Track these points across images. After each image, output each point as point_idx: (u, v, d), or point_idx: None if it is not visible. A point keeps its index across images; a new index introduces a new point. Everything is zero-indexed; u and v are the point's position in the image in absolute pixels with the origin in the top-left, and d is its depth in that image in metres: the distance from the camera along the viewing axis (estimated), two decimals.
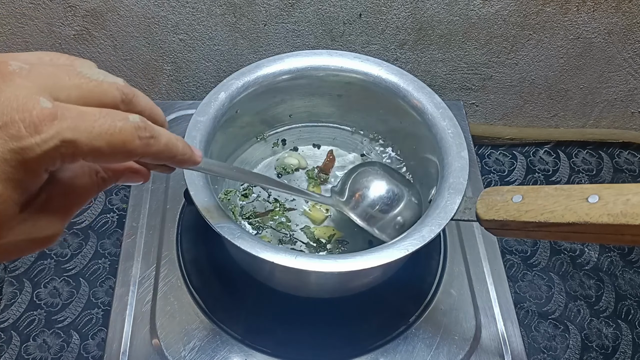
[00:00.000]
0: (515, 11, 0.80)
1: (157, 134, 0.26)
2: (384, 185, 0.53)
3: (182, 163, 0.30)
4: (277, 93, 0.58)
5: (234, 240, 0.43)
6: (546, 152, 1.07)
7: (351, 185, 0.54)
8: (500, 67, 0.90)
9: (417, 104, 0.55)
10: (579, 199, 0.37)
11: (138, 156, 0.26)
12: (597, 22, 0.83)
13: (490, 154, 1.06)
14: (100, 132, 0.23)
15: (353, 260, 0.43)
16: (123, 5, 0.76)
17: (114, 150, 0.24)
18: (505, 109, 0.99)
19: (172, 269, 0.59)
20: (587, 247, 0.97)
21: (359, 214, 0.52)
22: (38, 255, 0.88)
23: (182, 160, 0.29)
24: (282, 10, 0.77)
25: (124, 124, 0.24)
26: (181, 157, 0.29)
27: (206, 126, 0.51)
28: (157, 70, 0.87)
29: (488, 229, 0.44)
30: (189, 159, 0.30)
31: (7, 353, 0.80)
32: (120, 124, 0.24)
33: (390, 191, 0.53)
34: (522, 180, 1.04)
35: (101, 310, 0.85)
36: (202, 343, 0.54)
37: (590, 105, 0.99)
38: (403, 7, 0.78)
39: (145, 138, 0.25)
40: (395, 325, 0.57)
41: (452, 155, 0.50)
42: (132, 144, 0.25)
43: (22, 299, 0.85)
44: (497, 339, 0.57)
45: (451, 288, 0.60)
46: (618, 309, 0.91)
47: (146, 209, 0.63)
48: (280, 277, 0.55)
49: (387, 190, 0.53)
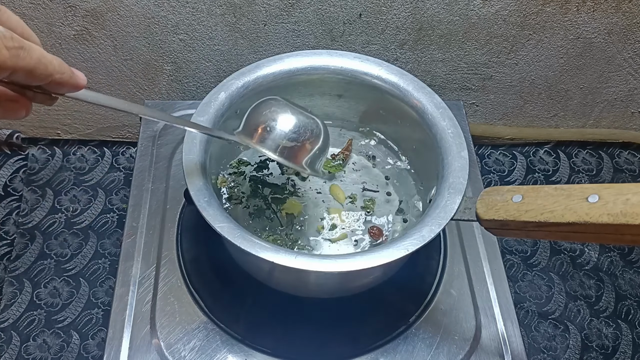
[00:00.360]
0: (515, 11, 0.80)
1: (27, 47, 0.24)
2: (288, 114, 0.49)
3: (62, 85, 0.27)
4: (277, 93, 0.58)
5: (234, 240, 0.43)
6: (546, 152, 1.07)
7: (253, 119, 0.49)
8: (500, 67, 0.90)
9: (417, 104, 0.55)
10: (579, 198, 0.37)
11: (8, 70, 0.24)
12: (597, 22, 0.83)
13: (490, 154, 1.06)
14: None
15: (353, 260, 0.43)
16: (123, 5, 0.76)
17: None
18: (505, 109, 0.99)
19: (172, 269, 0.59)
20: (587, 247, 0.97)
21: (270, 147, 0.47)
22: (38, 255, 0.88)
23: (60, 80, 0.27)
24: (282, 10, 0.77)
25: None
26: (59, 75, 0.27)
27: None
28: (157, 70, 0.87)
29: (488, 229, 0.44)
30: (69, 79, 0.28)
31: (7, 353, 0.80)
32: None
33: (296, 119, 0.48)
34: (522, 180, 1.04)
35: (101, 310, 0.85)
36: (202, 343, 0.54)
37: (590, 105, 0.99)
38: (403, 7, 0.78)
39: (13, 48, 0.24)
40: (395, 325, 0.57)
41: (452, 155, 0.50)
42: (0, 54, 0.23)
43: (22, 299, 0.85)
44: (497, 339, 0.57)
45: (451, 288, 0.60)
46: (618, 309, 0.91)
47: (146, 209, 0.63)
48: (280, 277, 0.55)
49: (293, 119, 0.48)
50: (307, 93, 0.60)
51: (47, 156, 0.99)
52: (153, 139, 0.69)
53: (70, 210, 0.93)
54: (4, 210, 0.93)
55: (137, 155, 0.68)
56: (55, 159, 0.99)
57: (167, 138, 0.69)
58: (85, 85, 0.29)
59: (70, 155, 0.99)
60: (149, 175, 0.66)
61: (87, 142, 1.00)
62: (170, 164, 0.67)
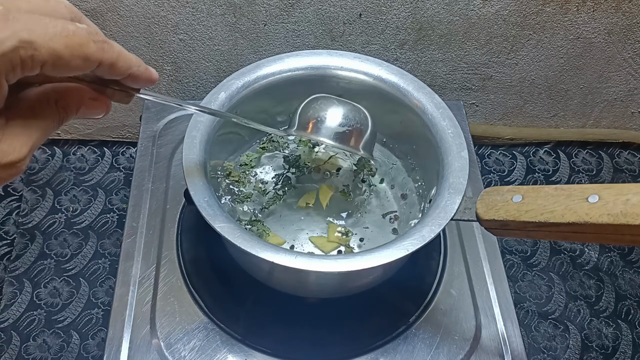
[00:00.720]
0: (515, 11, 0.80)
1: (110, 42, 0.26)
2: (334, 104, 0.52)
3: (138, 78, 0.30)
4: (277, 93, 0.58)
5: (234, 240, 0.43)
6: (546, 152, 1.07)
7: (304, 115, 0.52)
8: (500, 67, 0.90)
9: (417, 104, 0.55)
10: (579, 199, 0.37)
11: (95, 62, 0.26)
12: (597, 22, 0.83)
13: (490, 154, 1.06)
14: (55, 33, 0.23)
15: (353, 260, 0.43)
16: (123, 5, 0.76)
17: (72, 53, 0.24)
18: (505, 109, 0.99)
19: (172, 269, 0.59)
20: (587, 247, 0.97)
21: (325, 135, 0.50)
22: (38, 255, 0.88)
23: (137, 73, 0.29)
24: (282, 10, 0.77)
25: (76, 27, 0.24)
26: (136, 68, 0.29)
27: (206, 126, 0.51)
28: (157, 70, 0.86)
29: (488, 229, 0.44)
30: (144, 72, 0.30)
31: (7, 353, 0.80)
32: (72, 27, 0.24)
33: (342, 108, 0.52)
34: (522, 180, 1.04)
35: (101, 310, 0.85)
36: (202, 343, 0.54)
37: (590, 105, 0.99)
38: (403, 7, 0.78)
39: (99, 42, 0.26)
40: (395, 325, 0.57)
41: (452, 155, 0.50)
42: (88, 47, 0.25)
43: (22, 299, 0.85)
44: (497, 339, 0.57)
45: (451, 288, 0.60)
46: (618, 309, 0.91)
47: (146, 209, 0.63)
48: (280, 277, 0.55)
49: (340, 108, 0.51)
50: (307, 93, 0.60)
51: (47, 156, 0.99)
52: (153, 139, 0.69)
53: (70, 210, 0.93)
54: (4, 210, 0.93)
55: (137, 155, 0.68)
56: (55, 159, 0.99)
57: (167, 138, 0.69)
58: (157, 80, 0.31)
59: (70, 155, 0.99)
60: (149, 175, 0.66)
61: (87, 142, 1.00)
62: (170, 164, 0.67)
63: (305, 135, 0.51)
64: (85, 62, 0.25)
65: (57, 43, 0.23)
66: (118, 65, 0.27)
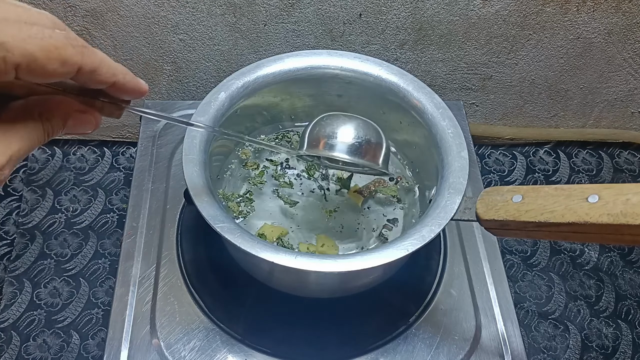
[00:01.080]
0: (515, 11, 0.80)
1: (90, 47, 0.25)
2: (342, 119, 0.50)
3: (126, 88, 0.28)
4: (277, 93, 0.59)
5: (234, 240, 0.43)
6: (546, 152, 1.07)
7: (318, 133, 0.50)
8: (500, 67, 0.90)
9: (417, 104, 0.55)
10: (579, 199, 0.37)
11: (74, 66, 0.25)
12: (597, 22, 0.83)
13: (490, 154, 1.06)
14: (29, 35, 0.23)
15: (353, 260, 0.43)
16: (123, 5, 0.76)
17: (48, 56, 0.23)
18: (505, 109, 0.99)
19: (172, 269, 0.59)
20: (587, 247, 0.97)
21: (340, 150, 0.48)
22: (38, 255, 0.88)
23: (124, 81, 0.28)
24: (282, 10, 0.77)
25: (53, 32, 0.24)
26: (123, 76, 0.28)
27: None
28: (157, 70, 0.87)
29: (488, 229, 0.44)
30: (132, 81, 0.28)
31: (7, 353, 0.80)
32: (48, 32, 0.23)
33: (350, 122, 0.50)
34: (522, 180, 1.04)
35: (101, 310, 0.85)
36: (202, 343, 0.54)
37: (590, 105, 0.99)
38: (403, 7, 0.78)
39: (78, 47, 0.25)
40: (395, 325, 0.57)
41: (452, 155, 0.50)
42: (65, 50, 0.24)
43: (22, 299, 0.85)
44: (497, 339, 0.57)
45: (451, 288, 0.60)
46: (618, 309, 0.91)
47: (146, 209, 0.63)
48: (280, 277, 0.55)
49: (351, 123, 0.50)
50: (307, 93, 0.60)
51: (47, 156, 0.99)
52: (153, 139, 0.69)
53: (70, 210, 0.93)
54: (4, 210, 0.93)
55: (137, 155, 0.68)
56: (55, 159, 0.99)
57: (167, 138, 0.69)
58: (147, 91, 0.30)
59: (70, 155, 0.99)
60: (149, 175, 0.66)
61: (87, 142, 1.00)
62: (170, 164, 0.67)
63: (318, 153, 0.49)
64: (63, 65, 0.24)
65: (31, 45, 0.23)
66: (101, 71, 0.26)
